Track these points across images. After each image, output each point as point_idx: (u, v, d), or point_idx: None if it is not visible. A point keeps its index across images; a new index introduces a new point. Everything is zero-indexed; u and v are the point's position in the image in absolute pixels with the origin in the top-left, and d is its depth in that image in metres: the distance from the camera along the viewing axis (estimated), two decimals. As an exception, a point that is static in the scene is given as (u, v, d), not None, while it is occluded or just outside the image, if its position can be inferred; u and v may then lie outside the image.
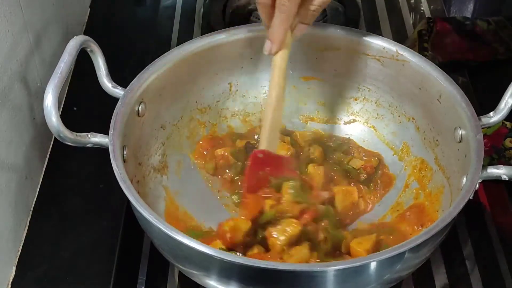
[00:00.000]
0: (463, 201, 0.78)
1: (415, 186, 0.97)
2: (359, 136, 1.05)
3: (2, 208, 0.90)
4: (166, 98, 0.97)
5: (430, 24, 1.21)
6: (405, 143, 1.01)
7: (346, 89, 1.05)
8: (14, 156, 0.94)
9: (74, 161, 1.04)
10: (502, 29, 1.23)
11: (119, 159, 0.82)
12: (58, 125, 0.80)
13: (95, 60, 0.90)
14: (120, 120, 0.86)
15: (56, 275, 0.91)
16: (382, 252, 0.74)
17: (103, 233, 0.96)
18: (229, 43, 1.00)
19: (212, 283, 0.80)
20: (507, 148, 1.03)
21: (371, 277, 0.77)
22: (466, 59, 1.20)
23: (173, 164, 1.00)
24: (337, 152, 1.02)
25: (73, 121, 0.86)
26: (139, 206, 0.78)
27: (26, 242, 0.95)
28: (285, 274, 0.74)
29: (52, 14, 1.11)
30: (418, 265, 0.83)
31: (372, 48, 0.98)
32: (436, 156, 0.95)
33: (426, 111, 0.96)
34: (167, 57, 0.95)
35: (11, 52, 0.93)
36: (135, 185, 0.85)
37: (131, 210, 0.85)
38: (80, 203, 1.00)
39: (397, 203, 0.96)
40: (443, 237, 0.82)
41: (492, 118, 0.88)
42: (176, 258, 0.83)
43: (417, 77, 0.95)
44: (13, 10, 0.94)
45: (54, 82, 0.80)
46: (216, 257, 0.73)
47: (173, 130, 1.00)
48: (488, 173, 0.82)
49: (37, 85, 1.02)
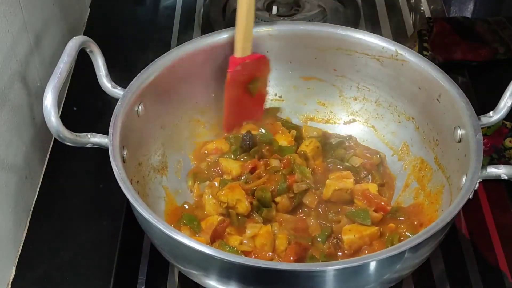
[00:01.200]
0: (463, 201, 0.78)
1: (414, 186, 0.97)
2: (358, 136, 1.05)
3: (2, 208, 0.90)
4: (166, 98, 0.97)
5: (430, 24, 1.21)
6: (405, 143, 1.01)
7: (346, 89, 1.05)
8: (14, 156, 0.94)
9: (74, 161, 1.04)
10: (502, 29, 1.23)
11: (119, 159, 0.82)
12: (57, 125, 0.80)
13: (94, 61, 0.90)
14: (120, 120, 0.86)
15: (56, 275, 0.91)
16: (382, 252, 0.74)
17: (103, 233, 0.96)
18: (229, 43, 1.00)
19: (212, 283, 0.80)
20: (507, 148, 1.03)
21: (371, 277, 0.77)
22: (466, 59, 1.20)
23: (173, 164, 1.00)
24: (339, 149, 1.01)
25: (73, 121, 0.86)
26: (139, 206, 0.78)
27: (26, 242, 0.95)
28: (285, 274, 0.74)
29: (52, 14, 1.11)
30: (418, 265, 0.83)
31: (372, 48, 0.98)
32: (436, 156, 0.95)
33: (426, 110, 0.96)
34: (167, 57, 0.96)
35: (11, 52, 0.93)
36: (135, 185, 0.86)
37: (131, 210, 0.85)
38: (80, 203, 1.00)
39: (397, 203, 0.96)
40: (443, 237, 0.82)
41: (491, 117, 0.88)
42: (176, 258, 0.83)
43: (416, 77, 0.96)
44: (13, 10, 0.94)
45: (53, 82, 0.80)
46: (216, 257, 0.73)
47: (173, 130, 1.00)
48: (488, 173, 0.82)
49: (37, 85, 1.02)
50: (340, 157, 1.00)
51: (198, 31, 1.31)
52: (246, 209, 0.90)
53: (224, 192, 0.91)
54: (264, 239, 0.87)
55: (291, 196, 0.92)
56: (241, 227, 0.90)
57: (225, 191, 0.91)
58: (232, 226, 0.90)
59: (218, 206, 0.92)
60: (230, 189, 0.91)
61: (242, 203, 0.90)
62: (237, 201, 0.90)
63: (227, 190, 0.91)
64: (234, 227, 0.90)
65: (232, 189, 0.91)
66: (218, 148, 1.01)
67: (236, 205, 0.90)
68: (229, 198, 0.90)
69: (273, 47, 1.03)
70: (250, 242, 0.87)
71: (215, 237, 0.88)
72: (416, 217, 0.92)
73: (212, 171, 0.98)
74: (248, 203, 0.91)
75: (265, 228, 0.88)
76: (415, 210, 0.93)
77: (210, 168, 0.99)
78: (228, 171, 0.96)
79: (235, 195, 0.91)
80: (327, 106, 1.07)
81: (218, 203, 0.92)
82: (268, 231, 0.88)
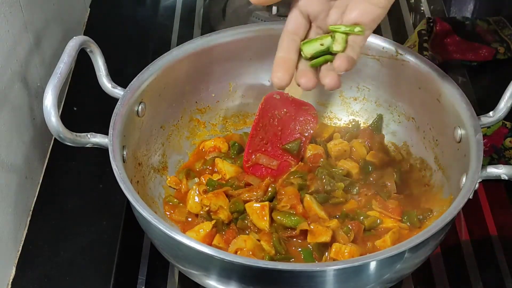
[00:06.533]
0: (463, 201, 0.78)
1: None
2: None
3: (2, 208, 0.90)
4: (166, 98, 0.97)
5: (430, 24, 1.21)
6: (405, 143, 1.01)
7: (346, 89, 1.05)
8: (14, 156, 0.94)
9: (74, 161, 1.04)
10: (502, 29, 1.24)
11: (119, 159, 0.82)
12: (57, 125, 0.80)
13: (94, 61, 0.90)
14: (120, 120, 0.86)
15: (56, 275, 0.91)
16: (382, 252, 0.74)
17: (103, 233, 0.96)
18: (229, 43, 1.00)
19: (212, 283, 0.80)
20: (507, 148, 1.03)
21: (371, 277, 0.77)
22: (466, 59, 1.20)
23: (173, 164, 1.00)
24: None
25: (73, 121, 0.86)
26: (139, 206, 0.78)
27: (26, 242, 0.95)
28: (285, 274, 0.74)
29: (52, 14, 1.11)
30: (418, 264, 0.83)
31: (372, 48, 0.98)
32: (436, 156, 0.95)
33: (426, 111, 0.96)
34: (167, 57, 0.96)
35: (11, 52, 0.93)
36: (134, 185, 0.86)
37: (131, 210, 0.85)
38: (80, 203, 1.00)
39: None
40: (443, 237, 0.82)
41: (491, 117, 0.88)
42: (176, 258, 0.83)
43: (416, 77, 0.95)
44: (13, 10, 0.94)
45: (53, 82, 0.80)
46: (216, 257, 0.73)
47: (173, 130, 1.00)
48: (488, 173, 0.82)
49: (37, 85, 1.02)
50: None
51: (198, 31, 1.31)
52: (227, 217, 0.90)
53: (208, 196, 0.91)
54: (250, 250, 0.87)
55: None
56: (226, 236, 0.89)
57: (209, 195, 0.91)
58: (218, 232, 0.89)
59: (199, 207, 0.92)
60: (214, 195, 0.91)
61: (224, 211, 0.90)
62: (219, 207, 0.90)
63: (212, 195, 0.91)
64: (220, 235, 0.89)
65: (217, 195, 0.91)
66: (216, 147, 1.01)
67: (218, 211, 0.90)
68: (212, 202, 0.90)
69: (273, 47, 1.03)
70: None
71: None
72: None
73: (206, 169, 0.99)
74: (230, 212, 0.90)
75: (250, 241, 0.87)
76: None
77: (204, 165, 0.99)
78: (222, 173, 0.96)
79: (218, 201, 0.90)
80: (327, 106, 1.07)
81: (201, 204, 0.92)
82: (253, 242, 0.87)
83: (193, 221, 0.92)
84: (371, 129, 1.02)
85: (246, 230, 0.89)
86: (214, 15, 1.31)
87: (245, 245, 0.85)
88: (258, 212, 0.89)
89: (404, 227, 0.89)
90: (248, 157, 0.96)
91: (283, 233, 0.88)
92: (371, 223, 0.89)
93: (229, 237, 0.88)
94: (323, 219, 0.88)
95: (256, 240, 0.87)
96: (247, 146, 0.96)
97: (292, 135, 0.99)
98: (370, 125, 1.03)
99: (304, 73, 0.77)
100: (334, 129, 1.04)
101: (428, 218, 0.90)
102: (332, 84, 0.75)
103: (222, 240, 0.88)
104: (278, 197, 0.91)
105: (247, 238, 0.86)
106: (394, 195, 0.93)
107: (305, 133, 0.99)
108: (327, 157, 0.98)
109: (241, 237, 0.87)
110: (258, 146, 0.97)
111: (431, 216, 0.90)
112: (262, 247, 0.86)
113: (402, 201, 0.92)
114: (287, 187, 0.92)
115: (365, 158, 0.98)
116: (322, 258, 0.86)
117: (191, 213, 0.93)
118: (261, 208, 0.89)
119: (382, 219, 0.90)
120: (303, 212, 0.89)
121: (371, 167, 0.97)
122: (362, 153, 0.99)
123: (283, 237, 0.87)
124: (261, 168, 0.97)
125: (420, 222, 0.89)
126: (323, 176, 0.93)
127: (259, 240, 0.87)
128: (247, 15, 1.29)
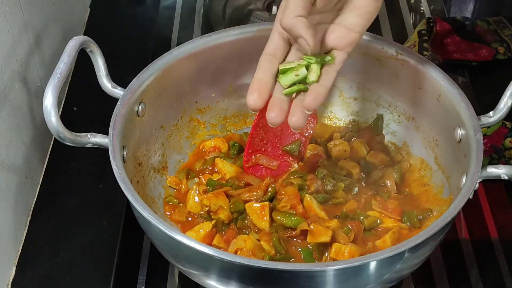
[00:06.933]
0: (463, 201, 0.78)
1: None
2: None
3: (2, 208, 0.90)
4: (166, 98, 0.97)
5: (430, 24, 1.22)
6: (405, 143, 1.01)
7: (346, 89, 1.05)
8: (14, 156, 0.94)
9: (74, 161, 1.04)
10: (502, 29, 1.24)
11: (119, 159, 0.82)
12: (57, 125, 0.80)
13: (94, 61, 0.90)
14: (120, 121, 0.86)
15: (56, 275, 0.91)
16: (382, 252, 0.74)
17: (103, 233, 0.96)
18: (229, 43, 1.00)
19: (212, 283, 0.80)
20: (507, 148, 1.03)
21: (371, 277, 0.77)
22: (466, 59, 1.20)
23: (173, 164, 1.00)
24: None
25: (73, 121, 0.86)
26: (139, 206, 0.78)
27: (26, 242, 0.95)
28: (285, 274, 0.74)
29: (52, 14, 1.11)
30: (418, 264, 0.83)
31: (372, 48, 0.98)
32: (436, 156, 0.95)
33: (426, 110, 0.96)
34: (167, 57, 0.95)
35: (11, 52, 0.93)
36: (134, 185, 0.86)
37: (131, 210, 0.85)
38: (80, 203, 1.00)
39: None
40: (443, 237, 0.82)
41: (491, 117, 0.88)
42: (176, 258, 0.83)
43: (416, 77, 0.95)
44: (13, 10, 0.94)
45: (53, 82, 0.80)
46: (216, 257, 0.73)
47: (173, 130, 1.00)
48: (488, 173, 0.82)
49: (37, 85, 1.02)
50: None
51: (198, 31, 1.31)
52: (227, 217, 0.90)
53: (208, 196, 0.91)
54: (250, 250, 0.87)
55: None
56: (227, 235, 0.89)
57: (209, 195, 0.91)
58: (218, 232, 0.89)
59: (199, 207, 0.92)
60: (214, 195, 0.91)
61: (224, 211, 0.90)
62: (219, 207, 0.90)
63: (212, 195, 0.91)
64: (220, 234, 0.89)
65: (217, 195, 0.91)
66: (216, 147, 1.01)
67: (218, 211, 0.90)
68: (212, 203, 0.90)
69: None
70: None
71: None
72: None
73: (206, 169, 0.99)
74: (230, 212, 0.90)
75: (250, 241, 0.87)
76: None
77: (204, 165, 0.99)
78: (222, 173, 0.97)
79: (218, 201, 0.91)
80: (327, 106, 1.07)
81: (201, 204, 0.92)
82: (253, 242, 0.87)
83: (193, 221, 0.92)
84: (371, 129, 1.03)
85: (246, 230, 0.89)
86: (214, 15, 1.31)
87: (245, 245, 0.85)
88: (258, 212, 0.89)
89: (404, 227, 0.89)
90: (248, 157, 0.96)
91: (283, 233, 0.88)
92: (371, 223, 0.89)
93: (229, 237, 0.88)
94: (323, 219, 0.88)
95: (256, 240, 0.87)
96: (247, 146, 0.96)
97: (292, 135, 0.99)
98: (370, 125, 1.03)
99: (276, 103, 0.77)
100: (334, 129, 1.05)
101: (428, 218, 0.90)
102: (298, 125, 0.76)
103: (222, 240, 0.88)
104: (278, 197, 0.91)
105: (247, 238, 0.86)
106: (394, 195, 0.93)
107: (305, 133, 0.99)
108: (327, 157, 0.98)
109: (241, 237, 0.87)
110: (258, 146, 0.97)
111: (431, 216, 0.90)
112: (262, 247, 0.86)
113: (402, 201, 0.92)
114: (287, 187, 0.92)
115: (365, 158, 0.98)
116: (322, 258, 0.86)
117: (191, 213, 0.93)
118: (261, 208, 0.89)
119: (382, 219, 0.90)
120: (303, 212, 0.89)
121: (371, 167, 0.97)
122: (362, 153, 0.99)
123: (283, 237, 0.87)
124: (261, 168, 0.97)
125: (420, 222, 0.89)
126: (323, 176, 0.93)
127: (259, 240, 0.87)
128: (247, 15, 1.29)
